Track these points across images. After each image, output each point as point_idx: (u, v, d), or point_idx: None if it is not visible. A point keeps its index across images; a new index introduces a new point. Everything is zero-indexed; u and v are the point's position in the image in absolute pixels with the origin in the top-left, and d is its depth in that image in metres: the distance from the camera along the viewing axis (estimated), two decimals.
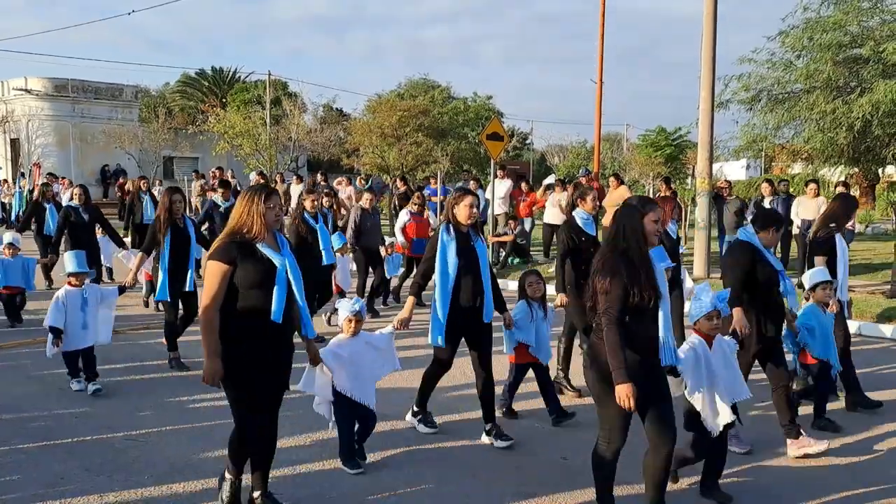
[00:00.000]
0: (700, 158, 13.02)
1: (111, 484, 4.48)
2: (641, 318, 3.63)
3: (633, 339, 3.59)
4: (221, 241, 3.86)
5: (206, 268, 3.80)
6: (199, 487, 4.46)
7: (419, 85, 38.50)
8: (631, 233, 3.65)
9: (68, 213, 9.60)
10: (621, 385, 3.51)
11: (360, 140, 26.85)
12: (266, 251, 3.83)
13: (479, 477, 4.70)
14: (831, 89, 14.07)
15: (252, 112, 30.03)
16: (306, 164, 34.58)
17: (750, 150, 18.95)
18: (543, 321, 5.78)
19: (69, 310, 6.27)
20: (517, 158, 42.59)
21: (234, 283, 3.78)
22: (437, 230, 5.27)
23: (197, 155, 34.80)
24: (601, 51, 22.18)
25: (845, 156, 15.56)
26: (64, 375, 6.52)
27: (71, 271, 6.41)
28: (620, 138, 51.43)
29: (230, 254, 3.78)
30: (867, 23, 13.98)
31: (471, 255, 5.14)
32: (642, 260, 3.63)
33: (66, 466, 4.74)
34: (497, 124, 14.87)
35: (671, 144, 38.23)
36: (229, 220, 3.93)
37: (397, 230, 10.63)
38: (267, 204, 3.82)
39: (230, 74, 46.41)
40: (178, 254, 7.07)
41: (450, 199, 5.29)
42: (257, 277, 3.79)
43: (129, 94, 35.29)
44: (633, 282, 3.56)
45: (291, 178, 20.39)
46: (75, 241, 9.41)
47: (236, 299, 3.79)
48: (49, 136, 32.15)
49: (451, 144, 29.83)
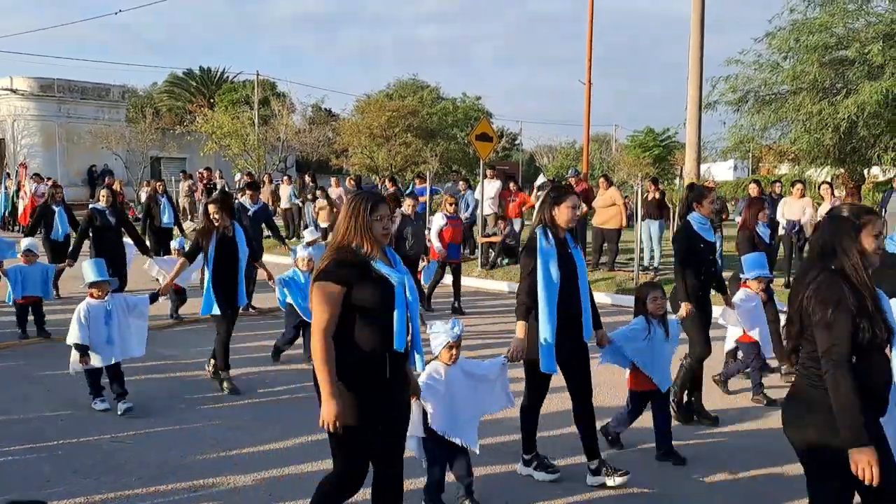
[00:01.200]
0: (688, 159, 13.12)
1: (99, 486, 4.45)
2: (871, 360, 2.84)
3: (862, 388, 2.77)
4: (329, 259, 3.31)
5: (314, 292, 3.25)
6: (187, 489, 4.44)
7: (408, 85, 38.47)
8: (846, 252, 2.88)
9: (93, 215, 8.98)
10: (861, 450, 2.68)
11: (349, 140, 26.84)
12: (382, 269, 3.31)
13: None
14: (817, 90, 14.18)
15: (240, 112, 29.93)
16: (295, 164, 34.47)
17: (737, 151, 19.08)
18: (665, 342, 5.00)
19: (92, 325, 5.74)
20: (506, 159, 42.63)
21: (348, 308, 3.24)
22: (533, 235, 4.47)
23: (185, 155, 34.61)
24: (589, 52, 22.25)
25: (831, 156, 15.69)
26: (52, 377, 6.48)
27: (92, 281, 5.83)
28: (609, 139, 51.61)
29: (342, 274, 3.24)
30: (853, 25, 14.10)
31: (570, 264, 4.46)
32: (865, 285, 2.85)
33: (54, 468, 4.71)
34: (486, 125, 14.89)
35: (659, 145, 38.46)
36: (333, 234, 3.43)
37: (433, 235, 9.96)
38: (374, 216, 3.31)
39: (218, 74, 46.21)
40: (224, 264, 6.46)
41: (545, 199, 4.53)
42: (376, 300, 3.26)
43: (116, 94, 35.06)
44: (861, 313, 2.79)
45: (280, 179, 20.34)
46: (100, 246, 8.90)
47: (348, 328, 3.25)
48: (35, 136, 31.89)
49: (441, 145, 29.85)
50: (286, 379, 6.78)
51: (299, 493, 4.40)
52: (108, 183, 26.01)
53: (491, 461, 4.81)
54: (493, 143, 14.72)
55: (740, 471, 4.82)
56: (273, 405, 6.08)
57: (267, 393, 6.39)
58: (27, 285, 8.29)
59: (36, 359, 7.39)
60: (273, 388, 6.41)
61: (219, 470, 4.71)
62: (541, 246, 4.38)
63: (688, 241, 5.50)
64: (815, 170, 18.16)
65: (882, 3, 13.97)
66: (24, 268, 8.34)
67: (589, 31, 22.11)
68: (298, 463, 4.85)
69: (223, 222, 6.51)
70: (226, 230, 6.51)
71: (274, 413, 5.86)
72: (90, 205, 9.43)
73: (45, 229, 10.56)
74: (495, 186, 15.17)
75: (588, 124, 22.87)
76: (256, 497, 4.37)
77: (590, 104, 22.47)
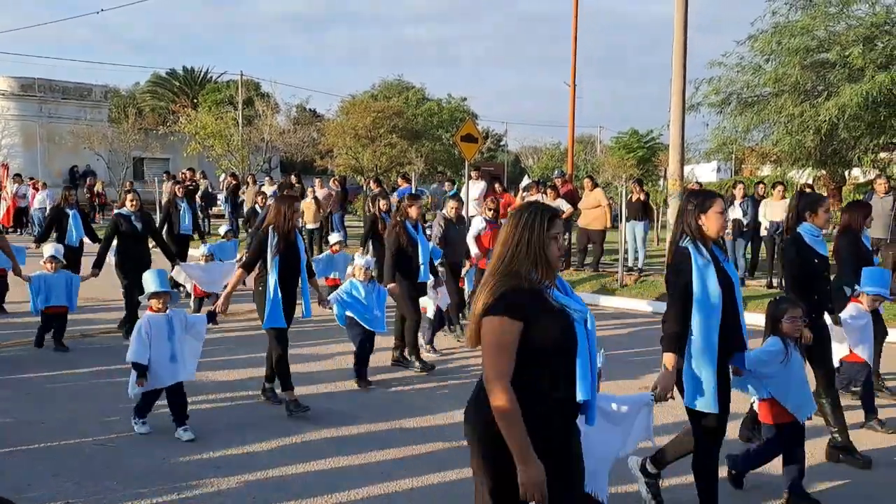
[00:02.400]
0: (672, 160, 13.18)
1: (78, 490, 4.40)
2: None
3: None
4: (501, 285, 2.64)
5: (486, 327, 2.61)
6: (168, 494, 4.40)
7: (393, 86, 38.43)
8: None
9: (118, 221, 8.34)
10: None
11: (334, 141, 26.75)
12: (560, 299, 2.68)
13: None
14: (799, 93, 14.28)
15: (224, 113, 29.76)
16: (279, 165, 34.34)
17: (720, 153, 19.19)
18: (803, 366, 4.46)
19: (154, 340, 5.25)
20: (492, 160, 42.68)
21: (525, 346, 2.60)
22: (683, 251, 3.76)
23: (168, 156, 34.38)
24: (574, 53, 22.35)
25: (813, 158, 15.81)
26: (31, 379, 6.40)
27: (154, 290, 5.36)
28: (594, 140, 51.80)
29: (520, 305, 2.60)
30: (834, 28, 14.22)
31: (725, 279, 3.75)
32: None
33: (34, 472, 4.66)
34: (471, 126, 14.94)
35: (643, 147, 38.65)
36: (494, 255, 2.76)
37: (470, 240, 9.26)
38: (550, 233, 2.68)
39: (202, 75, 45.92)
40: (288, 272, 5.90)
41: (686, 204, 3.84)
42: (556, 337, 2.62)
43: (99, 93, 34.77)
44: None
45: (264, 180, 20.24)
46: (125, 254, 8.31)
47: (522, 371, 2.60)
48: (15, 136, 31.56)
49: (426, 146, 29.84)
50: None
51: (283, 495, 4.38)
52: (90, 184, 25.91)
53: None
54: (478, 144, 14.75)
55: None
56: (255, 407, 6.05)
57: (251, 396, 6.35)
58: (51, 295, 7.79)
59: (14, 365, 7.31)
60: (256, 390, 6.36)
61: (202, 473, 4.68)
62: (695, 262, 3.67)
63: (800, 257, 4.87)
64: (797, 171, 18.32)
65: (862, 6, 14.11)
66: (47, 276, 7.82)
67: (573, 33, 22.21)
68: (282, 465, 4.83)
69: (293, 224, 5.94)
70: (289, 234, 5.90)
71: (257, 415, 5.83)
72: (115, 210, 8.87)
73: (59, 234, 9.80)
74: (480, 187, 15.19)
75: (573, 125, 22.98)
76: (240, 499, 4.34)
77: (574, 106, 22.59)
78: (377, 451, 5.11)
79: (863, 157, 15.66)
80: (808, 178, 19.45)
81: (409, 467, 4.83)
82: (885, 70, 12.92)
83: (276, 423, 5.53)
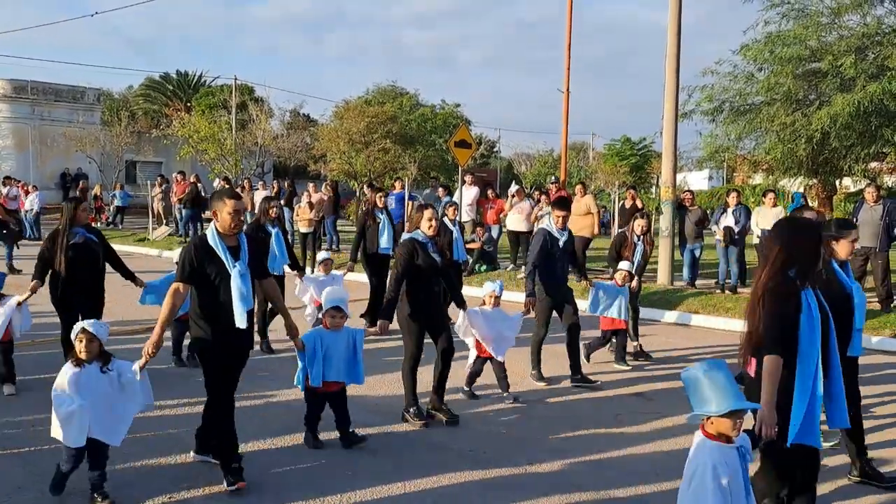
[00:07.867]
0: (664, 168, 13.23)
1: (69, 492, 4.37)
2: None
3: None
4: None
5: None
6: (156, 497, 4.39)
7: (387, 91, 38.47)
8: None
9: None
10: None
11: (328, 146, 26.71)
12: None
13: None
14: (791, 102, 14.40)
15: (217, 116, 29.69)
16: (272, 169, 34.28)
17: (712, 161, 19.33)
18: None
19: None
20: (485, 166, 42.80)
21: None
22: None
23: (160, 159, 34.30)
24: (568, 60, 22.43)
25: (804, 167, 15.93)
26: (22, 382, 6.35)
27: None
28: (587, 147, 51.99)
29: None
30: (826, 38, 14.35)
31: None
32: None
33: (26, 474, 4.64)
34: (465, 132, 14.97)
35: (636, 154, 38.87)
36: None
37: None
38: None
39: (195, 78, 45.87)
40: None
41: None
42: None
43: (91, 96, 34.67)
44: None
45: (258, 184, 20.21)
46: None
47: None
48: (7, 138, 31.43)
49: (419, 151, 29.85)
50: (261, 383, 6.73)
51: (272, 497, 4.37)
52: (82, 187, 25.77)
53: None
54: (471, 150, 14.81)
55: None
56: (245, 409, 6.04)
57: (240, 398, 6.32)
58: None
59: None
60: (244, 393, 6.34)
61: (194, 476, 4.67)
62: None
63: None
64: (788, 180, 18.44)
65: (854, 17, 14.25)
66: None
67: (567, 40, 22.30)
68: (276, 468, 4.82)
69: None
70: None
71: (247, 416, 5.81)
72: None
73: None
74: (473, 193, 15.23)
75: (566, 132, 23.03)
76: None
77: (568, 112, 22.65)
78: None
79: (854, 166, 15.78)
80: (800, 186, 19.57)
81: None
82: (876, 80, 13.05)
83: (265, 423, 5.50)
